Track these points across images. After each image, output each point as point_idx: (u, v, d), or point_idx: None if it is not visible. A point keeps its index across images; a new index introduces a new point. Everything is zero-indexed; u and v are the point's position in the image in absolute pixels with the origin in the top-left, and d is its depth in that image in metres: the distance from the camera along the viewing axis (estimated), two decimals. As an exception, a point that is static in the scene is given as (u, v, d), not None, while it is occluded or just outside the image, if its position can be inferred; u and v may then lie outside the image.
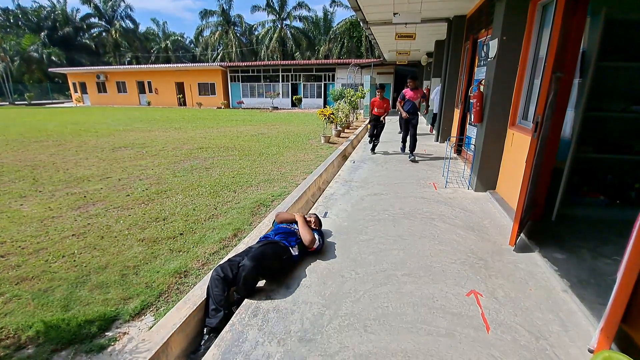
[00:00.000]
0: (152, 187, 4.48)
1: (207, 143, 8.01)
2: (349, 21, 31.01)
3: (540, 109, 2.47)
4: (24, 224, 3.26)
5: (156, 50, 40.17)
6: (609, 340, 1.54)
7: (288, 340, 1.80)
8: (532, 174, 2.64)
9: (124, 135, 9.42)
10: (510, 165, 3.81)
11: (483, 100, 4.12)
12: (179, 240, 2.94)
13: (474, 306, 2.06)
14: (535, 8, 3.49)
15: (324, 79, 22.86)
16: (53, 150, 7.06)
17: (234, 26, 36.27)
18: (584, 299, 2.05)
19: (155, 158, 6.33)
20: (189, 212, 3.59)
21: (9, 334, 1.81)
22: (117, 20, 38.13)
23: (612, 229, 2.95)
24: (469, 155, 5.44)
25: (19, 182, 4.68)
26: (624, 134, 3.25)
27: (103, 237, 2.98)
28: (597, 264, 2.44)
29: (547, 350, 1.71)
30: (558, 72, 2.51)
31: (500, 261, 2.59)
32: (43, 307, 2.02)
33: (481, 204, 3.86)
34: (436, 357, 1.67)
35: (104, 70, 27.05)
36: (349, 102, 11.44)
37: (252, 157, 6.37)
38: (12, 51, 31.48)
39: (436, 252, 2.73)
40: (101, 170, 5.35)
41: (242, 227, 3.20)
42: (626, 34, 3.01)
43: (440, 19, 6.94)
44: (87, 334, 1.81)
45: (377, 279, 2.34)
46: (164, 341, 1.71)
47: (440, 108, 7.78)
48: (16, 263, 2.53)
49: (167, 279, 2.33)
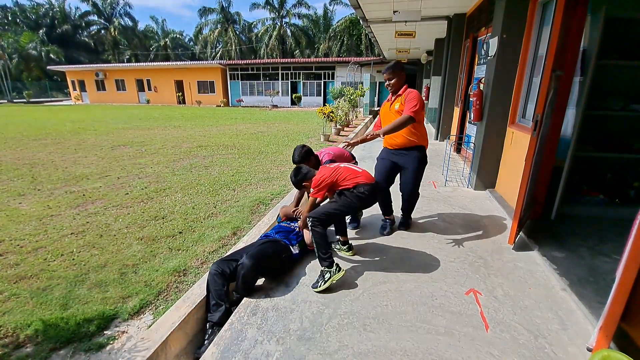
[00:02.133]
0: (151, 185, 4.47)
1: (207, 141, 8.00)
2: (348, 19, 30.92)
3: (540, 108, 2.47)
4: (22, 222, 3.25)
5: (155, 48, 40.03)
6: (608, 339, 1.54)
7: (287, 338, 1.80)
8: (532, 173, 2.64)
9: (123, 133, 9.40)
10: (509, 163, 3.81)
11: (483, 98, 4.11)
12: (178, 238, 2.94)
13: (473, 305, 2.06)
14: (535, 7, 3.48)
15: (324, 77, 22.81)
16: (52, 149, 7.04)
17: (233, 24, 36.15)
18: (583, 298, 2.05)
19: (155, 156, 6.32)
20: (188, 210, 3.58)
21: (8, 332, 1.81)
22: (116, 17, 37.98)
23: (611, 227, 2.95)
24: (468, 153, 5.43)
25: (18, 181, 4.67)
26: (624, 132, 3.25)
27: (102, 236, 2.97)
28: (596, 263, 2.44)
29: (546, 349, 1.72)
30: (558, 71, 2.50)
31: (500, 260, 2.59)
32: (42, 305, 2.02)
33: (480, 202, 3.86)
34: (435, 355, 1.67)
35: (102, 68, 26.95)
36: (349, 101, 11.43)
37: (251, 156, 6.36)
38: (10, 49, 31.35)
39: (435, 250, 2.73)
40: (100, 169, 5.34)
41: (241, 225, 3.19)
42: (626, 32, 3.00)
43: (440, 17, 6.91)
44: (86, 333, 1.81)
45: (376, 277, 2.34)
46: (163, 340, 1.71)
47: (440, 106, 7.77)
48: (15, 261, 2.53)
49: (166, 277, 2.33)
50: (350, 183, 2.37)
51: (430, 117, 10.58)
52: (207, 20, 36.21)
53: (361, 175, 2.42)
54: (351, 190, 2.36)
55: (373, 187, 2.40)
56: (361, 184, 2.36)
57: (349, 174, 2.41)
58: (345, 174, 2.41)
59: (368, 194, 2.36)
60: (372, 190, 2.39)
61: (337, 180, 2.39)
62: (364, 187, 2.35)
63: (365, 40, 29.91)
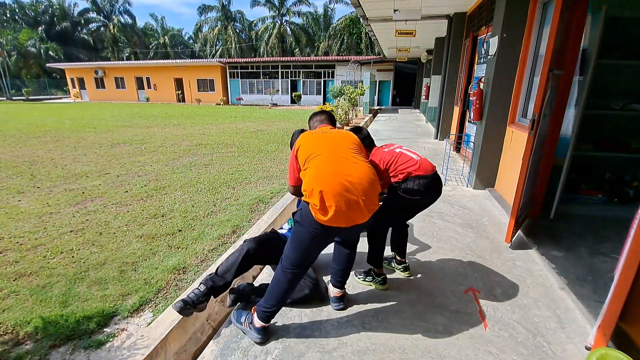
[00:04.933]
0: (151, 183, 4.47)
1: (206, 140, 7.99)
2: (348, 18, 30.86)
3: (537, 107, 2.47)
4: (21, 220, 3.25)
5: (155, 45, 39.95)
6: (606, 337, 1.55)
7: (286, 336, 1.81)
8: (530, 172, 2.65)
9: (123, 131, 9.38)
10: (509, 163, 3.82)
11: (483, 97, 4.11)
12: (177, 236, 2.94)
13: (472, 303, 2.06)
14: (535, 6, 3.48)
15: (324, 76, 22.78)
16: (51, 146, 7.03)
17: (233, 22, 36.05)
18: (581, 297, 2.06)
19: (154, 154, 6.31)
20: (188, 208, 3.58)
21: (7, 329, 1.81)
22: (115, 15, 37.85)
23: (609, 226, 2.96)
24: (468, 152, 5.44)
25: (17, 178, 4.66)
26: (623, 132, 3.26)
27: (101, 234, 2.97)
28: (594, 262, 2.45)
29: (544, 347, 1.72)
30: (555, 70, 2.50)
31: (499, 258, 2.60)
32: (41, 303, 2.02)
33: (480, 201, 3.87)
34: (434, 353, 1.68)
35: (102, 66, 26.87)
36: (349, 99, 11.42)
37: (251, 154, 6.36)
38: (9, 46, 31.25)
39: (434, 249, 2.74)
40: (99, 167, 5.33)
41: (241, 223, 3.19)
42: (627, 31, 3.00)
43: (441, 16, 6.91)
44: (86, 330, 1.81)
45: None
46: (162, 337, 1.71)
47: (440, 105, 7.78)
48: (14, 259, 2.52)
49: (165, 275, 2.33)
50: (402, 175, 1.96)
51: (430, 116, 10.59)
52: (206, 18, 36.14)
53: (415, 165, 1.96)
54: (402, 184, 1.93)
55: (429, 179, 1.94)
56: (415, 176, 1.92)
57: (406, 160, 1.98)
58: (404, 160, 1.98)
59: (423, 189, 1.93)
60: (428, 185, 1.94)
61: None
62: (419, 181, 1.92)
63: (365, 39, 29.87)
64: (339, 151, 1.71)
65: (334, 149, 1.71)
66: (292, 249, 1.70)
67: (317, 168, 1.63)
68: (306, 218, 1.61)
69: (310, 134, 1.85)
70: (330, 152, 1.69)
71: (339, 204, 1.53)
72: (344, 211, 1.54)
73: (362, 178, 1.60)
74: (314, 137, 1.81)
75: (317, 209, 1.55)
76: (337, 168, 1.62)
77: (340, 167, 1.62)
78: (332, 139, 1.79)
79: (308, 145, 1.75)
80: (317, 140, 1.78)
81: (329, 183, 1.55)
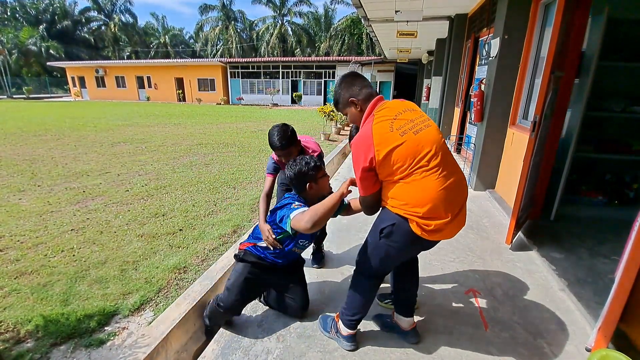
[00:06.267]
0: (152, 182, 4.47)
1: (207, 139, 7.99)
2: (350, 18, 30.87)
3: (539, 109, 2.47)
4: (22, 218, 3.25)
5: (155, 45, 39.91)
6: (607, 339, 1.55)
7: (287, 336, 1.81)
8: (531, 173, 2.65)
9: (123, 130, 9.38)
10: (509, 164, 3.82)
11: (484, 99, 4.11)
12: (178, 236, 2.94)
13: (472, 304, 2.07)
14: (537, 8, 3.48)
15: (324, 76, 22.78)
16: (52, 145, 7.03)
17: (234, 22, 36.05)
18: (582, 298, 2.06)
19: (155, 154, 6.31)
20: (189, 208, 3.58)
21: (8, 327, 1.81)
22: (116, 14, 37.86)
23: (610, 228, 2.96)
24: (468, 154, 5.44)
25: (18, 177, 4.66)
26: (624, 133, 3.26)
27: (102, 232, 2.97)
28: (594, 263, 2.45)
29: (545, 349, 1.73)
30: (557, 72, 2.51)
31: (499, 260, 2.60)
32: (42, 301, 2.02)
33: (480, 202, 3.87)
34: (434, 354, 1.68)
35: (103, 65, 26.86)
36: (349, 100, 11.37)
37: (251, 154, 6.36)
38: (10, 44, 31.25)
39: (435, 250, 2.73)
40: (100, 165, 5.33)
41: (241, 223, 3.20)
42: (628, 33, 3.01)
43: (442, 17, 6.91)
44: (87, 329, 1.81)
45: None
46: (163, 336, 1.71)
47: (440, 106, 7.78)
48: (15, 257, 2.53)
49: (166, 274, 2.33)
50: None
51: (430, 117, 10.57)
52: (207, 18, 36.12)
53: None
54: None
55: None
56: None
57: None
58: None
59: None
60: None
61: None
62: None
63: (366, 40, 29.87)
64: (446, 154, 1.39)
65: (440, 149, 1.36)
66: (378, 262, 1.52)
67: (432, 181, 1.31)
68: (402, 233, 1.37)
69: (392, 128, 1.34)
70: (441, 156, 1.35)
71: (451, 217, 1.34)
72: (455, 225, 1.39)
73: (462, 179, 1.41)
74: (406, 134, 1.34)
75: (422, 224, 1.32)
76: (452, 178, 1.35)
77: (452, 176, 1.36)
78: (431, 133, 1.39)
79: (403, 149, 1.31)
80: (413, 139, 1.34)
81: (448, 200, 1.33)
